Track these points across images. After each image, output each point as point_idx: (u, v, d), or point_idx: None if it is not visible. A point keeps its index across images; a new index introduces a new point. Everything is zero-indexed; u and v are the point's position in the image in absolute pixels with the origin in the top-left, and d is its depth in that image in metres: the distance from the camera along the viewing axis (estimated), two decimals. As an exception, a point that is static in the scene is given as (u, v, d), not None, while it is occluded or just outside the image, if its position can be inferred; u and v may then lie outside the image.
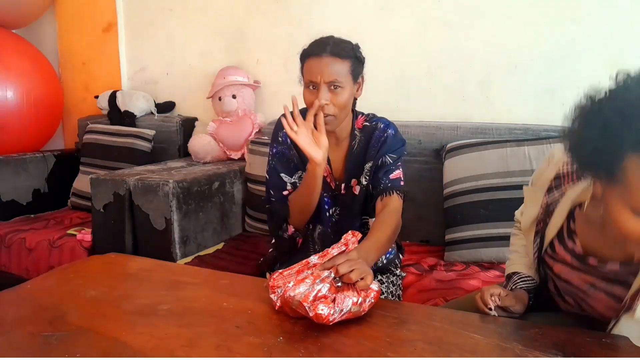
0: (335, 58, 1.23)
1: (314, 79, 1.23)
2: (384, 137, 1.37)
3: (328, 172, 1.41)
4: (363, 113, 1.45)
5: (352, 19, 2.22)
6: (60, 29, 3.03)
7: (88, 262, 1.32)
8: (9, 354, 0.84)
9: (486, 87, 2.03)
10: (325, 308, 0.87)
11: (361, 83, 1.33)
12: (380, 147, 1.36)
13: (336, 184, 1.43)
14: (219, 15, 2.55)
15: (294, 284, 0.92)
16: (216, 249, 1.98)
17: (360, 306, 0.91)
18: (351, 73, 1.26)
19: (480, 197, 1.71)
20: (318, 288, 0.90)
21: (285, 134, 1.36)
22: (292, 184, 1.39)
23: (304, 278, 0.93)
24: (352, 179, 1.41)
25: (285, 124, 1.24)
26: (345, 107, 1.29)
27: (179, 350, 0.83)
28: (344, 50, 1.25)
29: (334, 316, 0.87)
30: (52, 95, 2.81)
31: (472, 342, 0.85)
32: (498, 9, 1.96)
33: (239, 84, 2.38)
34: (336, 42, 1.27)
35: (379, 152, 1.35)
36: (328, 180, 1.42)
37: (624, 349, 0.83)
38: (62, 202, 2.68)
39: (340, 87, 1.24)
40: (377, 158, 1.35)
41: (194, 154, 2.39)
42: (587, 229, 0.92)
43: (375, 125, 1.40)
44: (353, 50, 1.28)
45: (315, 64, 1.23)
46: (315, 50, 1.25)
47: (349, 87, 1.26)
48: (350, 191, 1.41)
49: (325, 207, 1.42)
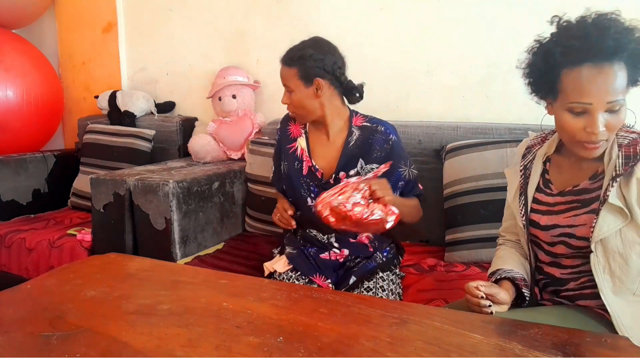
0: (284, 66, 1.47)
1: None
2: (389, 143, 1.48)
3: (310, 162, 1.53)
4: (361, 113, 1.55)
5: (352, 19, 2.22)
6: (60, 29, 3.03)
7: (88, 262, 1.32)
8: (9, 354, 0.84)
9: (486, 87, 2.03)
10: (359, 209, 1.21)
11: (321, 84, 1.44)
12: (389, 153, 1.47)
13: (322, 175, 1.52)
14: (219, 15, 2.55)
15: (338, 194, 1.24)
16: (216, 249, 1.98)
17: (385, 217, 1.22)
18: (300, 78, 1.44)
19: (481, 197, 1.71)
20: (356, 195, 1.22)
21: (278, 132, 1.63)
22: (274, 170, 1.68)
23: (344, 191, 1.24)
24: (341, 171, 1.50)
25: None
26: (303, 106, 1.47)
27: (179, 350, 0.83)
28: (291, 59, 1.46)
29: (365, 216, 1.20)
30: (52, 95, 2.82)
31: (472, 342, 0.85)
32: (498, 9, 1.96)
33: (239, 84, 2.38)
34: (289, 51, 1.48)
35: (391, 159, 1.46)
36: (312, 170, 1.53)
37: (624, 349, 0.83)
38: (62, 202, 2.68)
39: (292, 91, 1.46)
40: (393, 166, 1.46)
41: (194, 154, 2.39)
42: (558, 172, 1.14)
43: (375, 128, 1.50)
44: (301, 58, 1.44)
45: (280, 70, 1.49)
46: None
47: (300, 89, 1.45)
48: (339, 182, 1.48)
49: (312, 196, 1.52)
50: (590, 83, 0.95)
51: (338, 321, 0.93)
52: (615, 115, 0.97)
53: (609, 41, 0.93)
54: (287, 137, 1.60)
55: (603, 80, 0.94)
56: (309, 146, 1.56)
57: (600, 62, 0.94)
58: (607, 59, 0.94)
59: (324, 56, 1.43)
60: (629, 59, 0.95)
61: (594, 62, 0.94)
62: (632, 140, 1.01)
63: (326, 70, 1.43)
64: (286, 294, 1.07)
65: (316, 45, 1.45)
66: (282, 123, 1.64)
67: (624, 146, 1.01)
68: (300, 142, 1.56)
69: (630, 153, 1.00)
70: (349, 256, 1.53)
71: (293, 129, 1.59)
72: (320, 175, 1.52)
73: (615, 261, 1.01)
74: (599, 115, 0.95)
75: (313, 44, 1.45)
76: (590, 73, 0.95)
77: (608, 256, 1.02)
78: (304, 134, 1.57)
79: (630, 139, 1.02)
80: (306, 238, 1.57)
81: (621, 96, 0.95)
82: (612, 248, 1.01)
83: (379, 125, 1.50)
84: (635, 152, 0.99)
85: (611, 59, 0.94)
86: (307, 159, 1.54)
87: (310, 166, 1.53)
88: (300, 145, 1.56)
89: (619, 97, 0.95)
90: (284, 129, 1.61)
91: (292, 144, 1.58)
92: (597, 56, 0.94)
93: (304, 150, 1.55)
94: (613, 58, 0.94)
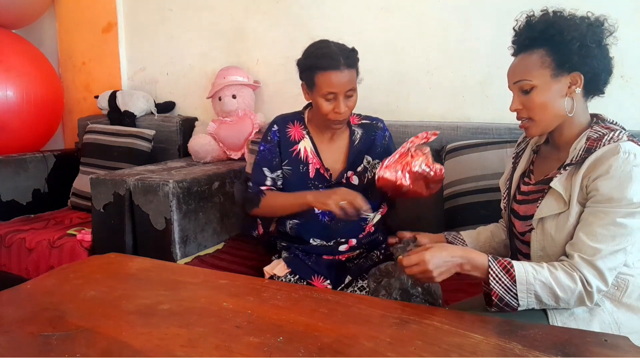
0: (351, 69, 1.39)
1: (334, 90, 1.37)
2: (386, 139, 1.57)
3: (319, 164, 1.51)
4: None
5: (352, 19, 2.22)
6: (60, 29, 3.03)
7: (88, 262, 1.32)
8: (9, 354, 0.84)
9: (486, 87, 2.03)
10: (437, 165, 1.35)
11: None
12: (386, 149, 1.54)
13: (331, 175, 1.51)
14: (219, 15, 2.55)
15: (406, 162, 1.33)
16: (216, 249, 1.98)
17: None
18: (356, 77, 1.44)
19: (481, 197, 1.71)
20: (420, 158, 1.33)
21: (275, 134, 1.54)
22: (271, 179, 1.53)
23: (413, 156, 1.34)
24: (349, 170, 1.51)
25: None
26: (354, 107, 1.46)
27: (179, 350, 0.83)
28: (354, 60, 1.41)
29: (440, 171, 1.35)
30: (52, 95, 2.81)
31: (472, 342, 0.85)
32: (498, 9, 1.96)
33: (239, 84, 2.38)
34: (345, 52, 1.40)
35: (388, 154, 1.45)
36: (322, 172, 1.51)
37: (624, 349, 0.83)
38: (62, 202, 2.68)
39: (353, 92, 1.42)
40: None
41: (194, 154, 2.39)
42: (540, 162, 1.19)
43: (376, 124, 1.57)
44: (356, 57, 1.43)
45: (335, 78, 1.37)
46: (333, 64, 1.36)
47: (356, 90, 1.44)
48: (348, 182, 1.51)
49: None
50: (509, 70, 1.12)
51: (338, 321, 0.93)
52: (528, 96, 1.07)
53: (528, 33, 1.08)
54: (287, 139, 1.54)
55: (513, 66, 1.11)
56: (316, 148, 1.53)
57: (520, 51, 1.10)
58: (524, 50, 1.09)
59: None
60: (549, 46, 1.05)
61: (520, 52, 1.11)
62: (600, 136, 1.03)
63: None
64: (286, 294, 1.07)
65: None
66: (278, 124, 1.56)
67: (591, 139, 1.04)
68: (305, 144, 1.53)
69: (591, 147, 1.03)
70: (356, 247, 1.53)
71: (293, 131, 1.54)
72: (329, 176, 1.51)
73: (548, 242, 1.07)
74: (514, 95, 1.10)
75: None
76: (516, 59, 1.12)
77: (545, 235, 1.08)
78: (307, 136, 1.53)
79: (600, 134, 1.04)
80: (307, 250, 1.53)
81: (531, 78, 1.05)
82: (547, 229, 1.07)
83: (378, 122, 1.58)
84: (595, 146, 1.02)
85: (521, 49, 1.10)
86: (316, 161, 1.51)
87: (319, 167, 1.51)
88: (306, 148, 1.52)
89: (526, 78, 1.06)
90: (283, 131, 1.54)
91: (294, 147, 1.53)
92: (519, 46, 1.11)
93: (312, 152, 1.52)
94: (522, 49, 1.09)
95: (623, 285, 1.03)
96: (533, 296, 0.98)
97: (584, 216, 1.01)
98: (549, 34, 1.04)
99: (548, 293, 0.98)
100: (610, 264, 0.97)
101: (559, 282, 0.97)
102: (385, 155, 1.44)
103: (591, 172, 1.00)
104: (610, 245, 0.97)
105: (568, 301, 0.98)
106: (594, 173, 0.99)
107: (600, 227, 0.97)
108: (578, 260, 0.98)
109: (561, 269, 0.98)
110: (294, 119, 1.56)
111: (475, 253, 1.05)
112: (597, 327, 1.01)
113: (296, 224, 1.53)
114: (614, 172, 0.96)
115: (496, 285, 1.00)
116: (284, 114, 1.60)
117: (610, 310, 1.03)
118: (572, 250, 1.00)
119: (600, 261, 0.96)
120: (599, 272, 0.97)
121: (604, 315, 1.02)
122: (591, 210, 1.00)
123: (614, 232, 0.97)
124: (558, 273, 0.98)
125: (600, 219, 0.98)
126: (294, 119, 1.56)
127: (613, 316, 1.02)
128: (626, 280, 1.03)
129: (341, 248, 1.53)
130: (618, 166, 0.96)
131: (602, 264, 0.96)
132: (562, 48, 1.03)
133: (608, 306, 1.03)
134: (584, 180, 1.01)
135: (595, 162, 0.99)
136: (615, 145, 0.99)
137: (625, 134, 1.03)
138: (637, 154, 0.97)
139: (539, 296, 0.98)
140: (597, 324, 1.02)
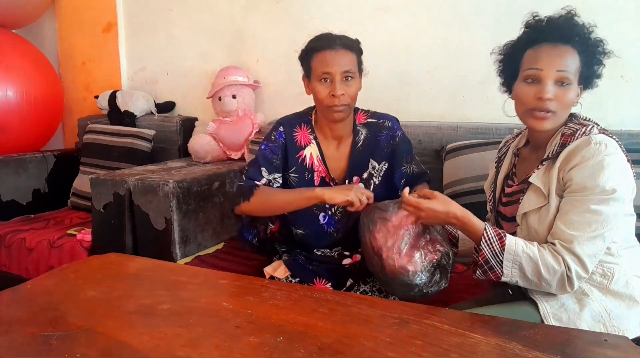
0: (347, 50, 1.32)
1: (329, 69, 1.30)
2: (395, 140, 1.43)
3: (325, 172, 1.43)
4: (362, 109, 1.48)
5: (352, 19, 2.21)
6: (60, 29, 3.03)
7: (88, 262, 1.32)
8: (9, 354, 0.84)
9: (486, 87, 2.02)
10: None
11: (361, 77, 1.40)
12: (394, 150, 1.42)
13: (335, 182, 1.43)
14: (219, 15, 2.55)
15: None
16: (216, 249, 1.98)
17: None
18: (358, 65, 1.36)
19: (481, 197, 1.70)
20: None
21: (281, 135, 1.44)
22: (267, 180, 1.42)
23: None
24: (354, 176, 1.43)
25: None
26: (356, 98, 1.36)
27: (179, 350, 0.83)
28: (353, 43, 1.36)
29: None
30: (52, 95, 2.81)
31: (472, 342, 0.85)
32: (498, 9, 1.96)
33: (239, 84, 2.38)
34: (343, 37, 1.36)
35: (395, 156, 1.41)
36: (327, 180, 1.43)
37: (624, 349, 0.83)
38: (62, 202, 2.67)
39: (352, 78, 1.33)
40: (397, 164, 1.42)
41: (194, 154, 2.39)
42: (521, 164, 1.22)
43: (382, 124, 1.44)
44: (358, 44, 1.39)
45: (330, 56, 1.31)
46: (327, 44, 1.32)
47: (358, 78, 1.36)
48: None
49: (327, 206, 1.42)
50: (544, 54, 1.07)
51: (338, 321, 0.93)
52: (564, 89, 1.05)
53: (567, 25, 1.07)
54: (294, 144, 1.43)
55: (556, 54, 1.06)
56: (322, 154, 1.43)
57: (556, 42, 1.06)
58: (562, 41, 1.06)
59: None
60: (581, 50, 1.07)
61: (553, 42, 1.07)
62: (573, 131, 1.08)
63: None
64: (286, 294, 1.07)
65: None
66: (285, 126, 1.45)
67: (565, 135, 1.08)
68: (312, 151, 1.43)
69: (565, 142, 1.07)
70: (361, 262, 1.45)
71: (300, 135, 1.44)
72: (335, 184, 1.43)
73: (532, 236, 1.09)
74: (549, 82, 1.05)
75: None
76: (547, 48, 1.07)
77: (529, 230, 1.11)
78: (314, 141, 1.43)
79: (573, 129, 1.08)
80: (310, 258, 1.49)
81: (571, 73, 1.05)
82: (530, 223, 1.10)
83: (385, 121, 1.43)
84: (569, 141, 1.06)
85: (566, 41, 1.06)
86: (322, 169, 1.42)
87: (324, 176, 1.43)
88: (312, 154, 1.43)
89: (569, 72, 1.05)
90: (290, 135, 1.44)
91: (300, 153, 1.43)
92: (555, 36, 1.07)
93: (318, 159, 1.43)
94: (568, 41, 1.06)
95: (609, 273, 1.07)
96: (517, 268, 1.03)
97: (561, 206, 1.05)
98: (586, 45, 1.08)
99: (533, 269, 1.02)
100: (588, 250, 1.00)
101: (544, 261, 1.01)
102: (389, 157, 1.39)
103: (566, 164, 1.04)
104: (587, 232, 1.00)
105: (550, 282, 1.02)
106: (568, 164, 1.04)
107: (576, 215, 1.01)
108: (559, 246, 1.02)
109: (549, 250, 1.03)
110: (301, 122, 1.46)
111: (474, 218, 1.09)
112: (588, 317, 1.04)
113: (302, 234, 1.48)
114: (587, 161, 1.01)
115: (486, 248, 1.05)
116: (290, 117, 1.49)
117: (599, 298, 1.06)
118: (552, 239, 1.04)
119: (578, 247, 1.00)
120: (577, 258, 1.00)
121: (593, 304, 1.05)
122: (567, 200, 1.04)
123: (589, 219, 1.00)
124: (545, 253, 1.02)
125: (575, 207, 1.02)
126: (301, 122, 1.45)
127: (602, 304, 1.05)
128: (612, 268, 1.07)
129: (345, 261, 1.47)
130: (590, 156, 1.01)
131: (580, 250, 1.00)
132: (589, 67, 1.09)
133: (597, 295, 1.06)
134: (560, 172, 1.05)
135: (569, 154, 1.04)
136: (587, 138, 1.04)
137: (597, 127, 1.08)
138: (608, 144, 1.02)
139: (523, 269, 1.02)
140: (588, 313, 1.04)
